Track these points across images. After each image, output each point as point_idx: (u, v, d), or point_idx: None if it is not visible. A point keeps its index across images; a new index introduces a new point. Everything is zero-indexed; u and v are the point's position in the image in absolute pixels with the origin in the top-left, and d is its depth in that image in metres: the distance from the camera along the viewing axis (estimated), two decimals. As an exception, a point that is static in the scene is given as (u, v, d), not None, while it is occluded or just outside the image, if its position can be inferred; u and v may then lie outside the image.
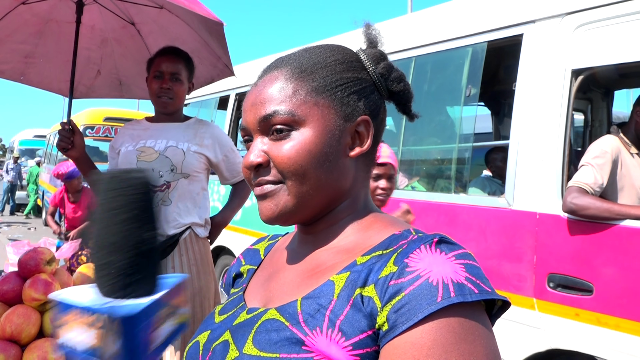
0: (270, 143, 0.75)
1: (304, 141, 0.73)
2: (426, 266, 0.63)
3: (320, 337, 0.65)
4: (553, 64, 2.54)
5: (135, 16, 2.73)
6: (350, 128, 0.77)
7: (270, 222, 0.76)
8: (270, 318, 0.71)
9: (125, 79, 3.02)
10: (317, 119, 0.74)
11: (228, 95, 5.41)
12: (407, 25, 3.65)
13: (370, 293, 0.65)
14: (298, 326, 0.67)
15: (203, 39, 2.64)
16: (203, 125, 2.44)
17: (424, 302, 0.60)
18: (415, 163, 3.67)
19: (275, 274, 0.83)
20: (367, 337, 0.63)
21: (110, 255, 0.54)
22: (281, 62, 0.79)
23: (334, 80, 0.76)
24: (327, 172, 0.75)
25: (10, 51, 2.75)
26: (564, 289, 2.36)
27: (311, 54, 0.79)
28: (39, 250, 1.37)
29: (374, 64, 0.81)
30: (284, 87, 0.75)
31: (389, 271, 0.65)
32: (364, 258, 0.71)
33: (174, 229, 2.32)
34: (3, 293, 1.32)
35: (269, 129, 0.75)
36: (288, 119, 0.73)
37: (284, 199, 0.74)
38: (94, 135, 9.40)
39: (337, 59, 0.78)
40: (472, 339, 0.60)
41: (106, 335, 0.50)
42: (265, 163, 0.75)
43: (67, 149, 2.32)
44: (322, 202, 0.77)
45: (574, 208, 2.30)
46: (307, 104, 0.74)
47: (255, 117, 0.76)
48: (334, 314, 0.66)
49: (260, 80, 0.78)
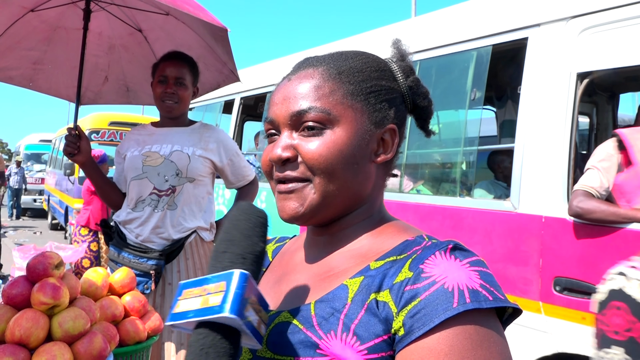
0: (300, 138, 0.75)
1: (336, 140, 0.74)
2: (441, 272, 0.64)
3: (335, 341, 0.66)
4: (558, 68, 2.54)
5: (142, 23, 2.76)
6: (378, 134, 0.78)
7: (292, 220, 0.77)
8: (284, 321, 0.72)
9: (133, 85, 3.04)
10: (351, 121, 0.75)
11: (233, 99, 5.43)
12: (412, 29, 3.67)
13: (385, 298, 0.66)
14: (312, 329, 0.68)
15: (209, 45, 2.66)
16: (208, 130, 2.45)
17: (440, 307, 0.61)
18: (420, 167, 3.67)
19: (285, 276, 0.83)
20: (382, 341, 0.64)
21: (232, 245, 0.69)
22: (316, 61, 0.79)
23: (369, 86, 0.77)
24: (353, 174, 0.75)
25: (20, 58, 2.77)
26: (570, 293, 2.36)
27: (347, 58, 0.79)
28: (47, 254, 1.38)
29: (404, 76, 0.83)
30: (320, 85, 0.76)
31: (404, 277, 0.66)
32: (377, 263, 0.72)
33: (179, 233, 2.33)
34: (12, 297, 1.32)
35: (300, 124, 0.75)
36: (323, 117, 0.74)
37: (310, 197, 0.75)
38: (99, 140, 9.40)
39: (372, 67, 0.80)
40: (487, 345, 0.61)
41: (215, 294, 0.63)
42: (293, 158, 0.75)
43: (73, 154, 2.34)
44: (344, 204, 0.77)
45: (579, 212, 2.29)
46: (342, 105, 0.75)
47: (287, 111, 0.76)
48: (349, 317, 0.67)
49: (294, 76, 0.78)
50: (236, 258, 0.68)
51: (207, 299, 0.63)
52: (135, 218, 2.34)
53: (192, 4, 2.28)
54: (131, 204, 2.36)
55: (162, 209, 2.31)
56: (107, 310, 1.48)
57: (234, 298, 0.61)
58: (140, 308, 1.58)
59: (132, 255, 2.32)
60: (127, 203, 2.39)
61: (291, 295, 0.78)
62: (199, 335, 0.62)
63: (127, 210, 2.38)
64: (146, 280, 2.29)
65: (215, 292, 0.63)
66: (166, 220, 2.31)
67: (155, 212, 2.31)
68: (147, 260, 2.30)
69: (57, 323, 1.29)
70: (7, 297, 1.33)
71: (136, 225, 2.34)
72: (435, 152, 3.69)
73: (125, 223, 2.37)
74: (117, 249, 2.38)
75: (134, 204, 2.35)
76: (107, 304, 1.49)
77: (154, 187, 2.32)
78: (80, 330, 1.29)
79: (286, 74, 0.81)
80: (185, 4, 2.20)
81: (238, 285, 0.62)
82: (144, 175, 2.32)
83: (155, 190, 2.32)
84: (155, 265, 2.28)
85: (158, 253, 2.30)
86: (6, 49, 2.65)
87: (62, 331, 1.28)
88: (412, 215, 3.21)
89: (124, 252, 2.34)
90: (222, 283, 0.63)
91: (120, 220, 2.39)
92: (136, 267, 2.27)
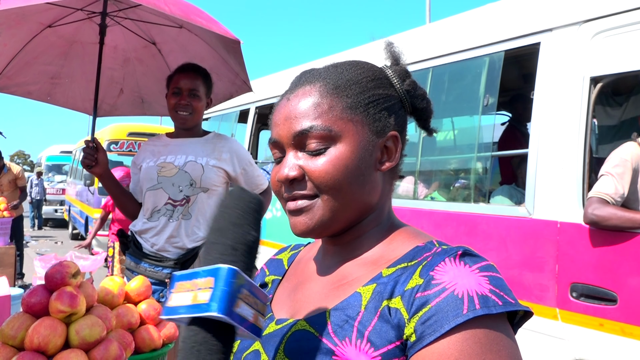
0: (306, 157, 0.77)
1: (340, 156, 0.75)
2: (451, 279, 0.65)
3: (350, 347, 0.67)
4: (571, 72, 2.52)
5: (156, 36, 2.80)
6: (380, 143, 0.79)
7: (304, 235, 0.78)
8: (301, 329, 0.74)
9: (147, 96, 3.08)
10: (352, 135, 0.76)
11: (248, 108, 5.48)
12: (425, 35, 3.67)
13: (397, 305, 0.68)
14: (328, 337, 0.70)
15: (221, 56, 2.69)
16: (221, 140, 2.47)
17: (450, 314, 0.62)
18: (434, 173, 3.66)
19: (301, 285, 0.85)
20: (395, 347, 0.66)
21: (222, 236, 0.67)
22: (312, 77, 0.80)
23: (367, 97, 0.78)
24: (360, 186, 0.77)
25: (38, 73, 2.83)
26: (588, 299, 2.33)
27: (342, 70, 0.80)
28: (64, 263, 1.40)
29: (400, 81, 0.84)
30: (319, 102, 0.76)
31: (415, 283, 0.68)
32: (389, 270, 0.73)
33: (193, 242, 2.36)
34: (31, 305, 1.34)
35: (304, 143, 0.76)
36: (325, 135, 0.75)
37: (319, 213, 0.76)
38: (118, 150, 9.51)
39: (368, 76, 0.80)
40: (497, 349, 0.62)
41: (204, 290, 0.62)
42: (300, 177, 0.76)
43: (91, 165, 2.38)
44: (354, 215, 0.79)
45: (595, 219, 2.26)
46: (342, 120, 0.76)
47: (289, 131, 0.77)
48: (362, 324, 0.69)
49: (292, 94, 0.79)
50: (226, 249, 0.66)
51: (197, 295, 0.62)
52: (151, 228, 2.37)
53: (205, 17, 2.31)
54: (147, 214, 2.40)
55: (177, 218, 2.34)
56: (123, 318, 1.50)
57: (221, 296, 0.61)
58: (155, 316, 1.59)
59: (147, 264, 2.36)
60: (143, 213, 2.42)
61: (307, 303, 0.80)
62: (191, 332, 0.63)
63: (143, 220, 2.41)
64: (162, 289, 2.32)
65: (204, 289, 0.62)
66: (181, 230, 2.34)
67: (170, 222, 2.35)
68: (162, 269, 2.33)
69: (74, 330, 1.31)
70: (27, 306, 1.35)
71: (152, 235, 2.37)
72: (450, 159, 3.68)
73: (141, 233, 2.40)
74: (134, 258, 2.42)
75: (150, 214, 2.38)
76: (123, 312, 1.51)
77: (168, 198, 2.35)
78: (97, 337, 1.31)
79: (284, 92, 0.82)
80: (198, 17, 2.24)
81: (225, 282, 0.61)
82: (159, 185, 2.35)
83: (170, 201, 2.35)
84: (170, 273, 2.30)
85: (173, 262, 2.33)
86: (25, 65, 2.72)
87: (79, 338, 1.30)
88: (426, 222, 3.20)
89: (140, 261, 2.38)
90: (210, 279, 0.62)
91: (137, 230, 2.43)
92: (152, 275, 2.31)
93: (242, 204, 0.70)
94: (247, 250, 0.68)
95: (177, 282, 0.67)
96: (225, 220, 0.69)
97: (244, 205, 0.70)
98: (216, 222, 0.70)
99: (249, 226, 0.69)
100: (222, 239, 0.67)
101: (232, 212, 0.69)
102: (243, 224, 0.69)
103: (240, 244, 0.67)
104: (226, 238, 0.67)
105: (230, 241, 0.67)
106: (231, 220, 0.69)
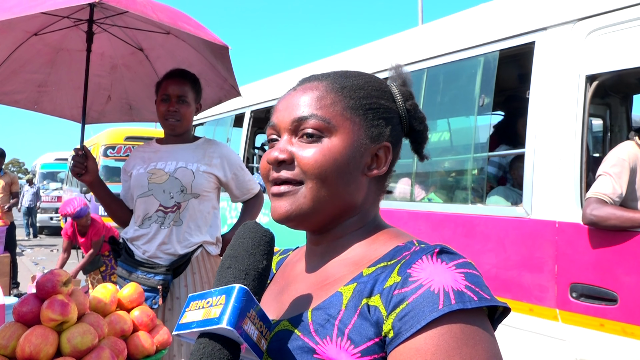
0: (299, 143, 0.79)
1: (332, 148, 0.78)
2: (428, 275, 0.67)
3: (331, 345, 0.69)
4: (566, 71, 2.50)
5: (143, 42, 2.78)
6: (372, 149, 0.82)
7: (282, 221, 0.80)
8: (283, 329, 0.76)
9: (135, 103, 3.07)
10: (348, 132, 0.79)
11: (243, 112, 5.45)
12: (419, 37, 3.64)
13: (376, 302, 0.69)
14: (309, 336, 0.72)
15: (209, 62, 2.68)
16: (212, 145, 2.47)
17: (427, 309, 0.64)
18: (431, 175, 3.63)
19: (287, 287, 0.87)
20: (375, 344, 0.67)
21: (236, 262, 0.74)
22: (321, 76, 0.85)
23: (369, 102, 0.82)
24: (345, 184, 0.79)
25: (24, 81, 2.82)
26: (588, 299, 2.30)
27: (350, 76, 0.85)
28: (55, 272, 1.42)
29: (403, 99, 0.87)
30: (323, 96, 0.80)
31: (393, 281, 0.69)
32: (369, 269, 0.75)
33: (185, 248, 2.35)
34: (22, 314, 1.35)
35: (300, 130, 0.79)
36: (322, 125, 0.78)
37: (301, 200, 0.78)
38: (115, 155, 9.40)
39: (373, 86, 0.84)
40: (473, 343, 0.64)
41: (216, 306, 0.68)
42: (289, 160, 0.79)
43: (81, 174, 2.37)
44: (334, 212, 0.81)
45: (594, 220, 2.24)
46: (342, 116, 0.79)
47: (289, 117, 0.80)
48: (343, 323, 0.70)
49: (299, 87, 0.84)
50: (239, 274, 0.73)
51: (209, 311, 0.68)
52: (142, 235, 2.37)
53: (193, 24, 2.30)
54: (138, 221, 2.39)
55: (168, 225, 2.33)
56: (115, 326, 1.51)
57: (232, 311, 0.65)
58: (148, 322, 1.61)
59: (140, 271, 2.34)
60: (134, 220, 2.42)
61: (291, 304, 0.82)
62: (200, 345, 0.67)
63: (134, 227, 2.41)
64: (154, 295, 2.31)
65: (216, 305, 0.67)
66: (172, 237, 2.34)
67: (161, 228, 2.34)
68: (154, 276, 2.33)
69: (66, 339, 1.33)
70: (18, 315, 1.37)
71: (143, 242, 2.37)
72: (446, 160, 3.65)
73: (133, 240, 2.40)
74: (126, 266, 2.41)
75: (141, 221, 2.38)
76: (115, 319, 1.53)
77: (159, 204, 2.34)
78: (89, 345, 1.33)
79: (292, 87, 0.86)
80: (186, 24, 2.22)
81: (237, 299, 0.66)
82: (150, 192, 2.34)
83: (161, 207, 2.35)
84: (162, 280, 2.31)
85: (165, 268, 2.32)
86: (11, 73, 2.70)
87: (71, 347, 1.31)
88: (424, 224, 3.17)
89: (132, 269, 2.36)
90: (223, 297, 0.68)
91: (128, 237, 2.42)
92: (144, 282, 2.30)
93: (257, 236, 0.77)
94: (257, 277, 0.74)
95: (192, 301, 0.73)
96: (240, 248, 0.76)
97: (258, 237, 0.77)
98: (232, 249, 0.77)
99: (261, 255, 0.75)
100: (236, 264, 0.74)
101: (247, 242, 0.76)
102: (256, 252, 0.75)
103: (252, 270, 0.74)
104: (240, 264, 0.74)
105: (243, 267, 0.74)
106: (245, 249, 0.75)
